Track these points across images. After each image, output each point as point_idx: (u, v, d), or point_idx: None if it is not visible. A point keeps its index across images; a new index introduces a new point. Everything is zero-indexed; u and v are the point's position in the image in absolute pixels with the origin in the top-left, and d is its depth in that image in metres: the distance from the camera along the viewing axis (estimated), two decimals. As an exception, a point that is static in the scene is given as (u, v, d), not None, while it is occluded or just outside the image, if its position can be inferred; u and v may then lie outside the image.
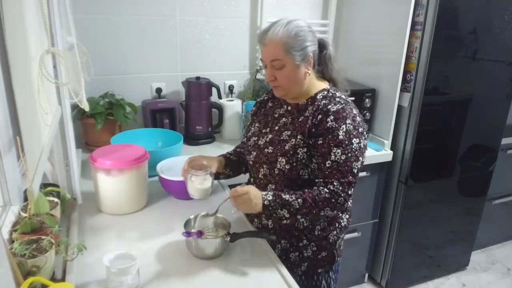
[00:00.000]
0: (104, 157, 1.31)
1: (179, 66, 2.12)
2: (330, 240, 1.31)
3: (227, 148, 2.03)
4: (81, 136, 1.88)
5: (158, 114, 2.01)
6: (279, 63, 1.18)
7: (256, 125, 1.38)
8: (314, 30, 1.23)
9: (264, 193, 1.16)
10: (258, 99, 1.47)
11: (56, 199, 1.20)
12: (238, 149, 1.49)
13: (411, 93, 1.94)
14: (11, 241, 0.96)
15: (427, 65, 1.85)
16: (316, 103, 1.23)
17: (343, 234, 1.37)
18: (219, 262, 1.14)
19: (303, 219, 1.25)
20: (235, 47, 2.21)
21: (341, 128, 1.15)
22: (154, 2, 1.97)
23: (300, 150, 1.20)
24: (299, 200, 1.13)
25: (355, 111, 1.21)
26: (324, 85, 1.28)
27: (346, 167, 1.15)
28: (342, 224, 1.34)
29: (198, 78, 2.05)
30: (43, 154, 0.99)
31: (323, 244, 1.30)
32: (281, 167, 1.23)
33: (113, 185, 1.32)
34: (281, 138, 1.25)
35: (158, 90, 2.07)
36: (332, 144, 1.15)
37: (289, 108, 1.30)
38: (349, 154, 1.15)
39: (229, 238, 1.15)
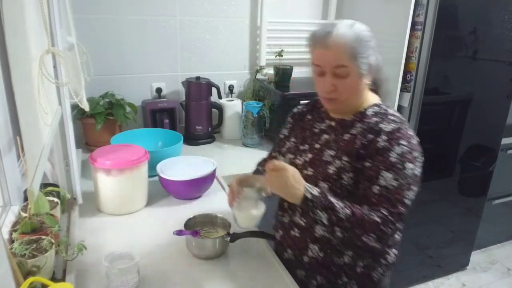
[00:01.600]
0: (104, 157, 1.31)
1: (179, 66, 2.12)
2: (374, 279, 1.12)
3: (227, 148, 2.04)
4: (81, 136, 1.88)
5: (158, 114, 2.01)
6: (344, 70, 1.02)
7: (292, 140, 1.23)
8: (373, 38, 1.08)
9: (309, 185, 1.01)
10: (295, 110, 1.30)
11: (56, 199, 1.20)
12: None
13: (411, 93, 1.94)
14: (11, 241, 0.96)
15: (427, 65, 1.85)
16: (366, 120, 1.07)
17: (389, 272, 1.17)
18: (219, 262, 1.14)
19: (343, 258, 1.08)
20: (235, 47, 2.21)
21: (394, 150, 0.99)
22: (154, 2, 1.97)
23: (346, 175, 1.03)
24: (346, 210, 0.97)
25: (410, 132, 1.04)
26: (375, 99, 1.13)
27: (397, 196, 0.97)
28: (389, 260, 1.14)
29: (198, 78, 2.05)
30: (43, 154, 0.99)
31: (365, 283, 1.12)
32: None
33: (113, 185, 1.32)
34: (323, 158, 1.09)
35: (158, 90, 2.07)
36: (382, 167, 0.98)
37: (333, 123, 1.14)
38: (402, 181, 0.97)
39: (229, 238, 1.15)
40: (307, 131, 1.20)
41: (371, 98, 1.12)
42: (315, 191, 1.00)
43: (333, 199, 0.99)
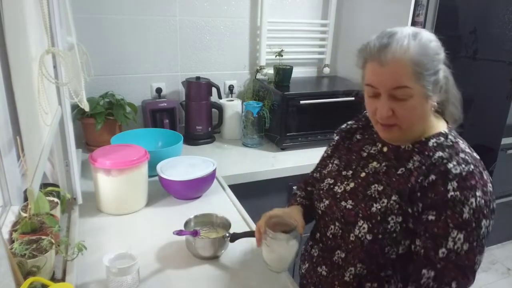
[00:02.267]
0: (104, 157, 1.31)
1: (179, 66, 2.12)
2: None
3: (227, 148, 2.04)
4: (81, 136, 1.88)
5: (158, 114, 2.01)
6: (406, 92, 0.82)
7: (335, 162, 1.05)
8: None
9: None
10: (343, 126, 1.11)
11: (56, 199, 1.20)
12: (309, 188, 1.15)
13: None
14: (11, 241, 0.96)
15: (427, 65, 1.85)
16: (426, 153, 0.87)
17: None
18: (219, 262, 1.14)
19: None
20: (235, 47, 2.21)
21: (469, 203, 0.79)
22: (154, 2, 1.97)
23: (393, 219, 0.86)
24: None
25: (485, 175, 0.84)
26: (441, 126, 0.92)
27: (468, 262, 0.79)
28: None
29: (198, 78, 2.05)
30: (43, 154, 0.99)
31: None
32: (359, 235, 0.89)
33: (113, 185, 1.32)
34: (368, 192, 0.92)
35: (158, 90, 2.07)
36: (451, 225, 0.79)
37: (385, 149, 0.95)
38: (475, 243, 0.79)
39: (229, 238, 1.15)
40: (353, 154, 1.02)
41: (436, 124, 0.92)
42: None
43: None
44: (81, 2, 1.83)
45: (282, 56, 2.18)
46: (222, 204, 1.47)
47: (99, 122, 1.79)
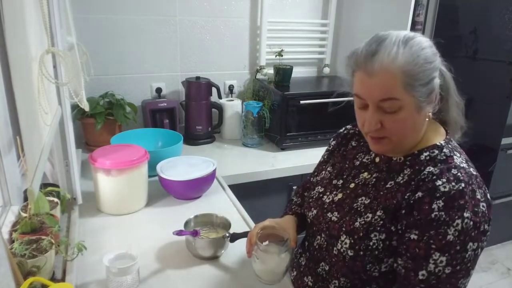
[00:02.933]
0: (104, 157, 1.31)
1: (179, 66, 2.12)
2: None
3: (227, 148, 2.04)
4: (81, 136, 1.88)
5: (158, 114, 2.01)
6: (395, 104, 0.77)
7: (328, 169, 1.02)
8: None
9: None
10: (341, 131, 1.07)
11: (56, 199, 1.20)
12: (306, 193, 1.13)
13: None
14: (11, 241, 0.96)
15: (427, 65, 1.85)
16: (417, 167, 0.82)
17: None
18: (219, 262, 1.14)
19: None
20: (235, 47, 2.21)
21: (454, 225, 0.73)
22: (154, 2, 1.97)
23: (375, 236, 0.81)
24: None
25: (479, 193, 0.77)
26: (437, 137, 0.86)
27: (449, 286, 0.74)
28: None
29: (198, 78, 2.05)
30: (43, 154, 0.98)
31: None
32: (341, 249, 0.86)
33: (113, 185, 1.32)
34: (354, 205, 0.88)
35: (158, 90, 2.07)
36: (433, 246, 0.74)
37: (377, 160, 0.91)
38: (458, 267, 0.74)
39: (229, 238, 1.15)
40: (346, 161, 0.98)
41: (433, 135, 0.86)
42: None
43: None
44: (81, 2, 1.83)
45: (282, 56, 2.18)
46: (222, 204, 1.47)
47: (99, 122, 1.79)
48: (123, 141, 1.59)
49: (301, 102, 1.96)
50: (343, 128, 1.08)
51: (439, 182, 0.76)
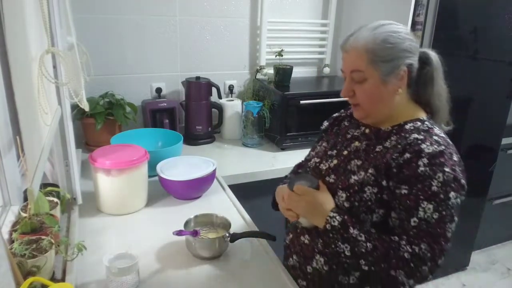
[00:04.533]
0: (104, 157, 1.31)
1: (179, 66, 2.12)
2: None
3: (227, 148, 2.04)
4: (81, 136, 1.88)
5: (158, 114, 2.01)
6: (360, 75, 0.96)
7: (323, 144, 1.15)
8: (413, 39, 0.98)
9: (331, 211, 0.94)
10: (335, 115, 1.23)
11: (56, 199, 1.20)
12: (300, 170, 1.26)
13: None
14: (11, 241, 0.96)
15: (427, 65, 1.85)
16: (403, 134, 0.97)
17: None
18: (219, 262, 1.14)
19: (349, 278, 1.01)
20: (235, 47, 2.21)
21: (437, 177, 0.88)
22: (154, 2, 1.97)
23: (369, 189, 0.95)
24: (368, 244, 0.89)
25: (455, 157, 0.93)
26: (420, 114, 1.02)
27: (439, 230, 0.88)
28: None
29: (198, 78, 2.05)
30: (43, 154, 0.98)
31: None
32: (338, 203, 0.98)
33: (113, 185, 1.32)
34: (348, 167, 1.01)
35: (158, 90, 2.07)
36: (421, 197, 0.88)
37: (367, 131, 1.06)
38: (444, 212, 0.88)
39: (229, 238, 1.15)
40: (340, 136, 1.12)
41: (414, 112, 1.01)
42: (336, 219, 0.92)
43: (354, 231, 0.91)
44: (81, 2, 1.83)
45: (282, 56, 2.18)
46: (222, 204, 1.47)
47: (99, 122, 1.79)
48: (123, 141, 1.59)
49: (301, 102, 1.96)
50: (337, 113, 1.23)
51: (423, 145, 0.91)
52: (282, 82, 2.11)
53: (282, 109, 1.97)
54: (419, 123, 0.99)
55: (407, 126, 0.98)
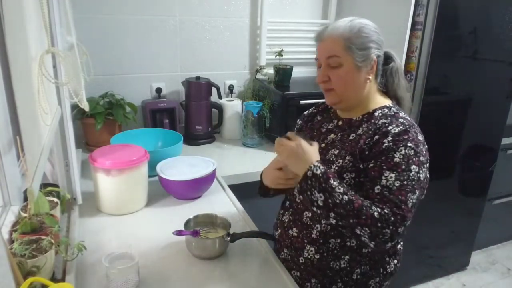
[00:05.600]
0: (104, 157, 1.31)
1: (179, 66, 2.12)
2: None
3: (227, 148, 2.04)
4: (81, 136, 1.88)
5: (158, 114, 2.01)
6: (336, 60, 1.03)
7: None
8: (380, 35, 1.07)
9: (316, 161, 0.98)
10: (305, 112, 1.30)
11: (56, 199, 1.20)
12: None
13: (411, 93, 1.94)
14: (11, 241, 0.96)
15: (427, 65, 1.85)
16: (373, 121, 1.05)
17: (387, 282, 1.16)
18: (219, 262, 1.14)
19: (339, 262, 1.07)
20: (235, 47, 2.21)
21: (399, 150, 0.96)
22: (154, 2, 1.97)
23: (347, 175, 1.02)
24: (345, 196, 0.93)
25: (420, 136, 1.01)
26: (386, 102, 1.10)
27: (400, 196, 0.92)
28: (388, 270, 1.13)
29: (198, 78, 2.05)
30: (43, 154, 0.98)
31: None
32: None
33: (113, 185, 1.32)
34: (327, 157, 1.07)
35: (158, 90, 2.07)
36: (384, 167, 0.95)
37: (340, 123, 1.13)
38: (405, 182, 0.94)
39: (229, 238, 1.15)
40: (315, 131, 1.19)
41: (382, 100, 1.10)
42: (319, 169, 0.97)
43: (333, 182, 0.95)
44: (81, 2, 1.83)
45: (282, 56, 2.19)
46: (222, 204, 1.47)
47: (99, 122, 1.79)
48: (123, 141, 1.59)
49: (301, 102, 1.96)
50: (307, 111, 1.30)
51: (390, 127, 1.00)
52: (282, 82, 2.11)
53: (282, 109, 1.97)
54: (386, 110, 1.07)
55: (376, 113, 1.06)
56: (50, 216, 1.06)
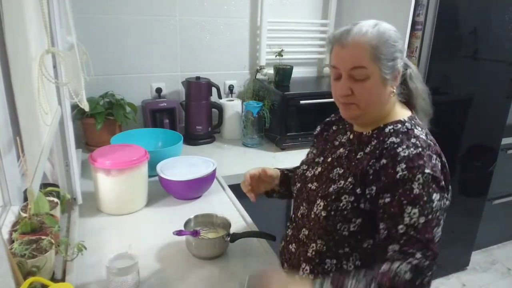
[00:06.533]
0: (104, 157, 1.31)
1: (179, 66, 2.12)
2: None
3: (227, 148, 2.04)
4: (81, 136, 1.88)
5: (158, 114, 2.01)
6: (363, 72, 0.89)
7: (314, 151, 1.15)
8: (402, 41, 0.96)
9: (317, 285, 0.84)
10: (327, 119, 1.20)
11: (56, 199, 1.20)
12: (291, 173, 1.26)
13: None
14: (11, 241, 0.96)
15: (427, 65, 1.85)
16: (381, 138, 0.93)
17: None
18: (219, 262, 1.14)
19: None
20: (235, 47, 2.21)
21: (417, 180, 0.84)
22: (154, 2, 1.97)
23: (345, 198, 0.92)
24: (373, 285, 0.80)
25: (434, 159, 0.89)
26: (404, 114, 0.98)
27: (427, 235, 0.83)
28: None
29: (198, 78, 2.05)
30: (43, 154, 0.98)
31: None
32: (317, 212, 0.97)
33: (113, 185, 1.32)
34: (330, 175, 0.99)
35: (158, 90, 2.07)
36: (405, 201, 0.84)
37: (351, 136, 1.03)
38: (430, 216, 0.83)
39: (229, 238, 1.15)
40: (328, 143, 1.10)
41: (398, 113, 0.97)
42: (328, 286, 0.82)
43: (349, 282, 0.81)
44: (81, 2, 1.83)
45: (282, 56, 2.18)
46: (222, 204, 1.47)
47: (99, 122, 1.79)
48: (123, 141, 1.59)
49: (301, 102, 1.96)
50: (328, 118, 1.21)
51: (399, 149, 0.88)
52: (282, 82, 2.11)
53: (282, 109, 1.97)
54: (399, 125, 0.95)
55: (387, 129, 0.95)
56: (50, 216, 1.06)
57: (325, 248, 0.99)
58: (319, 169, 1.04)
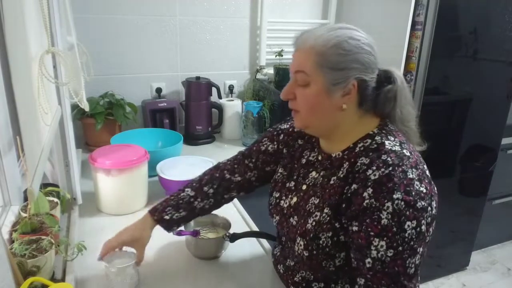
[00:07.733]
0: (104, 157, 1.31)
1: (179, 66, 2.12)
2: None
3: (227, 148, 2.04)
4: (81, 136, 1.88)
5: (158, 114, 2.01)
6: (303, 77, 0.83)
7: (280, 170, 1.04)
8: (374, 54, 0.84)
9: None
10: (284, 127, 1.10)
11: (56, 199, 1.20)
12: (212, 186, 1.12)
13: (411, 93, 1.94)
14: (11, 241, 0.96)
15: (427, 65, 1.85)
16: (353, 160, 0.84)
17: None
18: (219, 262, 1.14)
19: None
20: (235, 47, 2.21)
21: (385, 208, 0.74)
22: (154, 2, 1.97)
23: (323, 235, 0.84)
24: None
25: (411, 173, 0.77)
26: (371, 126, 0.87)
27: (397, 268, 0.74)
28: None
29: (198, 78, 2.05)
30: (43, 154, 0.98)
31: None
32: (299, 251, 0.89)
33: (113, 185, 1.32)
34: (307, 207, 0.90)
35: (158, 90, 2.07)
36: (371, 233, 0.75)
37: (320, 157, 0.94)
38: (400, 248, 0.74)
39: (229, 238, 1.15)
40: (295, 161, 1.00)
41: (366, 127, 0.87)
42: None
43: None
44: (81, 2, 1.83)
45: (282, 56, 2.19)
46: (222, 204, 1.47)
47: (99, 122, 1.79)
48: (123, 141, 1.59)
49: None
50: (286, 124, 1.10)
51: (369, 172, 0.78)
52: (282, 82, 2.11)
53: (282, 109, 1.97)
54: (368, 141, 0.85)
55: (357, 149, 0.85)
56: (50, 216, 1.06)
57: (312, 277, 0.94)
58: (294, 199, 0.96)
